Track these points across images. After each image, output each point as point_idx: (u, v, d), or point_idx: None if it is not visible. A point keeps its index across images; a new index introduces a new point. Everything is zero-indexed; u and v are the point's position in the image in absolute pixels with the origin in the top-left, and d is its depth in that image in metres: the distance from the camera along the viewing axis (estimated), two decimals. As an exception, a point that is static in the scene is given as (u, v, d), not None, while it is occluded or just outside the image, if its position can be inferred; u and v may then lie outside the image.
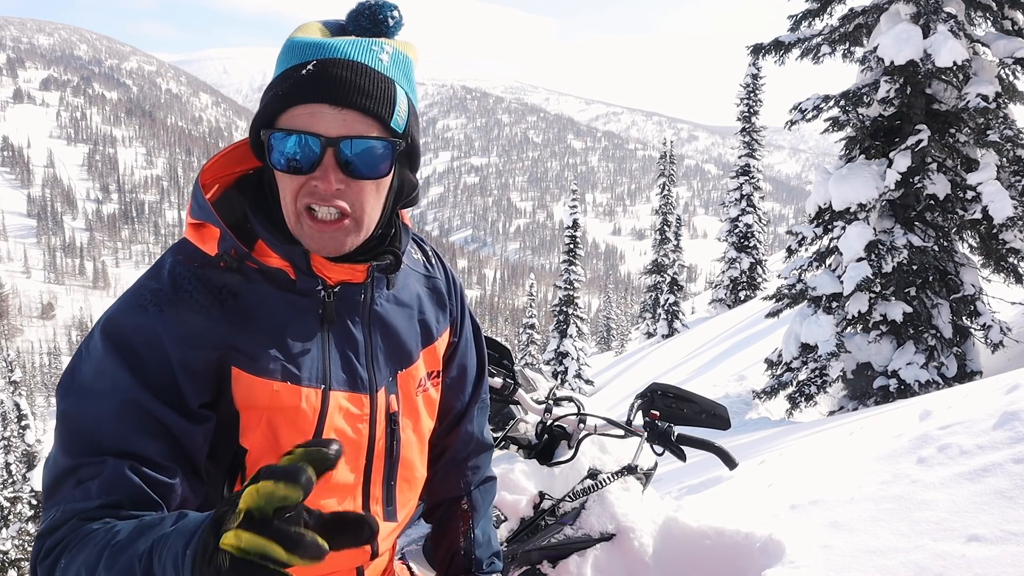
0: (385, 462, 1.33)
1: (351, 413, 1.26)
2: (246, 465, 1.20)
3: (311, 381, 1.21)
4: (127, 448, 1.07)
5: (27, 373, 68.32)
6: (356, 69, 1.13)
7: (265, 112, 1.16)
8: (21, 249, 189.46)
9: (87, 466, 1.06)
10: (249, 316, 1.18)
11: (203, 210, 1.20)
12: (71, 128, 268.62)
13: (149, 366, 1.11)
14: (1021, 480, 2.74)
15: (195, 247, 1.20)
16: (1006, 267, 9.73)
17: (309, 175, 1.14)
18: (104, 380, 1.10)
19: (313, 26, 1.20)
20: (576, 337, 24.45)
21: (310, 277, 1.22)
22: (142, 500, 1.05)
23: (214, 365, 1.15)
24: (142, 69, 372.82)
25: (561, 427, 2.31)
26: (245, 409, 1.18)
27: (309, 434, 1.21)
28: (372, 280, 1.28)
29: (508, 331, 79.98)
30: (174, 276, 1.17)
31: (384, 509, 1.34)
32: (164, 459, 1.09)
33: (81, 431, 1.08)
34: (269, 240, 1.20)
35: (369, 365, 1.29)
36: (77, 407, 1.10)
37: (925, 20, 9.19)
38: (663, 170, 33.52)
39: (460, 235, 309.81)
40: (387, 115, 1.15)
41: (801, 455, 5.19)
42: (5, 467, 23.77)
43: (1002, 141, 8.97)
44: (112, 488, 1.04)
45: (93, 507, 1.03)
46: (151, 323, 1.12)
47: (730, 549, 2.59)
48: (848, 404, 10.35)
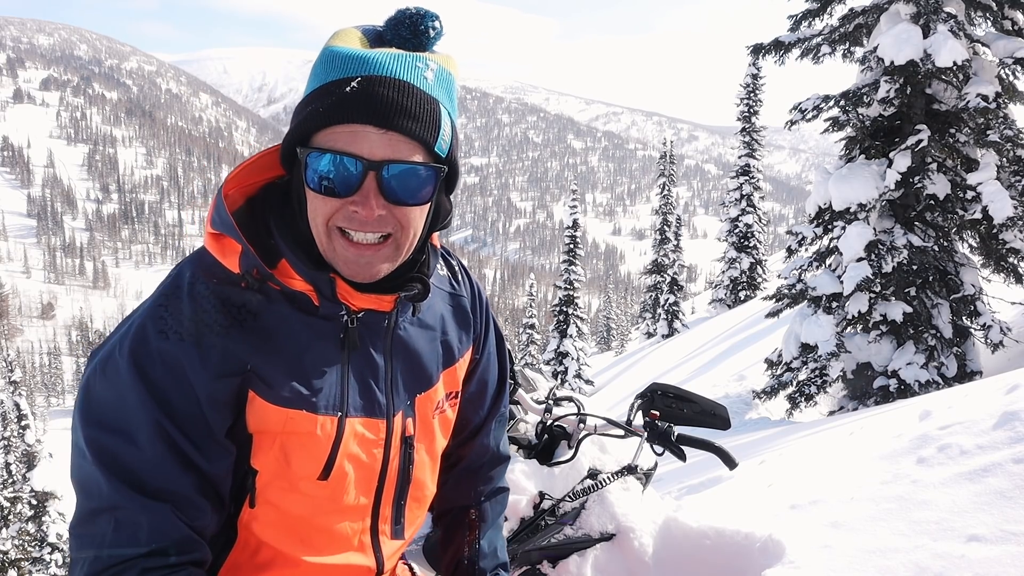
0: (397, 483, 1.30)
1: (366, 439, 1.23)
2: (256, 487, 1.18)
3: (328, 409, 1.17)
4: (167, 487, 1.07)
5: (27, 373, 68.32)
6: (403, 89, 1.07)
7: (303, 127, 1.10)
8: (21, 249, 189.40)
9: (128, 508, 1.05)
10: (268, 337, 1.14)
11: (224, 224, 1.14)
12: (71, 128, 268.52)
13: (174, 399, 1.08)
14: (1021, 480, 2.74)
15: (215, 260, 1.15)
16: (1006, 267, 9.72)
17: (346, 199, 1.08)
18: (133, 412, 1.07)
19: (352, 34, 1.13)
20: (576, 337, 24.44)
21: (334, 304, 1.17)
22: (187, 544, 1.07)
23: (235, 390, 1.13)
24: (142, 69, 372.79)
25: (561, 427, 2.31)
26: (258, 433, 1.16)
27: (322, 460, 1.18)
28: (397, 308, 1.22)
29: (508, 331, 79.98)
30: (193, 295, 1.12)
31: (392, 528, 1.32)
32: (199, 495, 1.10)
33: (119, 467, 1.06)
34: (294, 262, 1.14)
35: (388, 391, 1.25)
36: (110, 441, 1.07)
37: (925, 20, 9.19)
38: (663, 170, 33.52)
39: (460, 235, 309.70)
40: (432, 139, 1.10)
41: (801, 455, 5.19)
42: (5, 467, 23.76)
43: (1002, 141, 8.96)
44: (160, 535, 1.05)
45: (142, 554, 1.04)
46: (173, 354, 1.09)
47: (730, 549, 2.59)
48: (848, 404, 10.34)
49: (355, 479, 1.23)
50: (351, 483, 1.23)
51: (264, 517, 1.20)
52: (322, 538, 1.23)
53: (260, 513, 1.19)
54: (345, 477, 1.21)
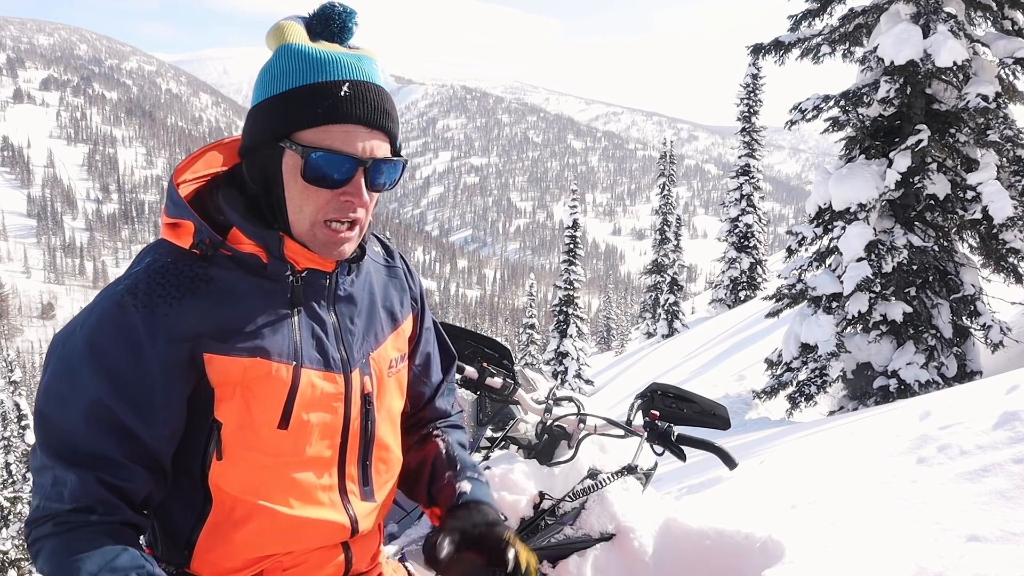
0: (360, 441, 1.38)
1: (325, 392, 1.32)
2: (221, 439, 1.25)
3: (281, 357, 1.26)
4: (96, 451, 1.17)
5: (27, 373, 68.29)
6: (380, 93, 1.26)
7: (290, 123, 1.23)
8: (21, 249, 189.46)
9: (60, 468, 1.17)
10: (221, 299, 1.24)
11: (178, 207, 1.26)
12: (71, 128, 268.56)
13: (123, 369, 1.18)
14: (1021, 480, 2.74)
15: (170, 244, 1.26)
16: (1006, 267, 9.72)
17: (338, 190, 1.24)
18: (77, 384, 1.18)
19: (297, 29, 1.27)
20: (576, 337, 24.45)
21: (281, 262, 1.28)
22: (110, 505, 1.18)
23: (188, 355, 1.22)
24: (142, 69, 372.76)
25: (561, 427, 2.31)
26: (219, 385, 1.24)
27: (279, 407, 1.26)
28: (337, 268, 1.35)
29: (508, 331, 79.95)
30: (149, 271, 1.23)
31: (361, 488, 1.39)
32: (130, 461, 1.19)
33: (55, 434, 1.18)
34: (243, 226, 1.26)
35: (340, 346, 1.35)
36: (51, 409, 1.19)
37: (925, 20, 9.19)
38: (663, 170, 33.52)
39: (460, 235, 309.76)
40: (398, 133, 1.30)
41: (801, 455, 5.19)
42: (5, 467, 23.78)
43: (1002, 141, 8.96)
44: (81, 496, 1.16)
45: (66, 511, 1.16)
46: (128, 323, 1.19)
47: (730, 549, 2.58)
48: (848, 404, 10.34)
49: (317, 432, 1.31)
50: (314, 436, 1.31)
51: (233, 471, 1.26)
52: (290, 490, 1.30)
53: (229, 466, 1.26)
54: (305, 427, 1.29)
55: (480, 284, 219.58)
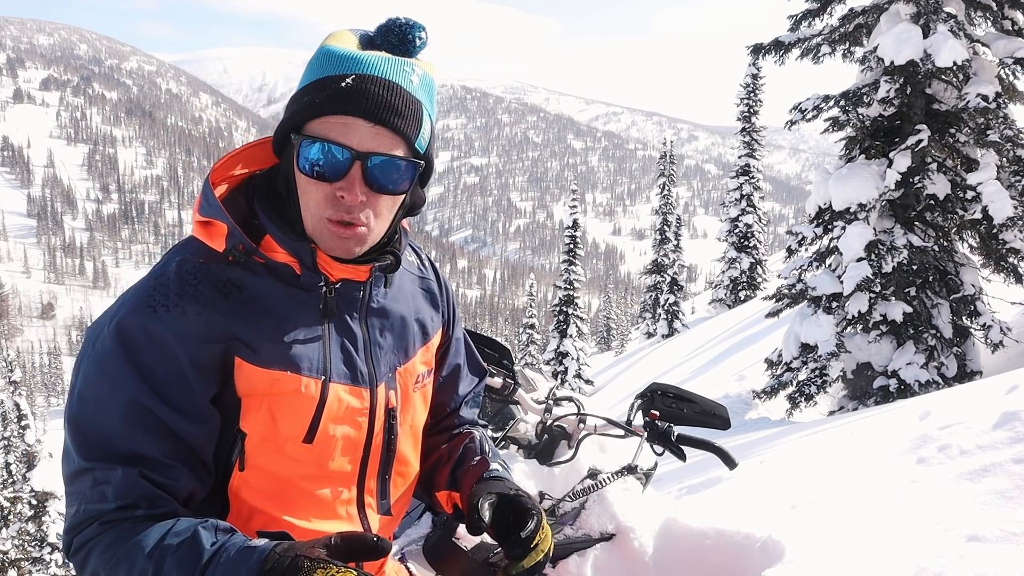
0: (382, 456, 1.37)
1: (351, 406, 1.30)
2: (244, 450, 1.23)
3: (311, 372, 1.25)
4: (136, 451, 1.15)
5: (27, 373, 68.32)
6: (391, 88, 1.19)
7: (298, 115, 1.21)
8: (21, 249, 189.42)
9: (100, 469, 1.14)
10: (253, 307, 1.23)
11: (212, 207, 1.24)
12: (71, 128, 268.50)
13: (156, 368, 1.16)
14: (1021, 480, 2.74)
15: (202, 244, 1.24)
16: (1006, 267, 9.72)
17: (334, 184, 1.19)
18: (111, 383, 1.16)
19: (346, 36, 1.25)
20: (576, 337, 24.44)
21: (314, 273, 1.26)
22: (155, 500, 1.15)
23: (220, 357, 1.20)
24: (142, 69, 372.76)
25: (561, 427, 2.31)
26: (246, 396, 1.22)
27: (307, 422, 1.25)
28: (372, 279, 1.33)
29: (508, 331, 79.95)
30: (180, 272, 1.21)
31: (379, 502, 1.39)
32: (171, 459, 1.16)
33: (93, 436, 1.16)
34: (277, 235, 1.25)
35: (368, 360, 1.33)
36: (87, 412, 1.17)
37: (925, 20, 9.19)
38: (663, 170, 33.50)
39: (460, 235, 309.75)
40: (413, 136, 1.22)
41: (801, 455, 5.19)
42: (5, 467, 23.76)
43: (1002, 141, 8.96)
44: (126, 493, 1.14)
45: (111, 509, 1.14)
46: (158, 323, 1.17)
47: (730, 549, 2.58)
48: (848, 404, 10.34)
49: (341, 446, 1.30)
50: (337, 450, 1.30)
51: (254, 481, 1.25)
52: (310, 504, 1.29)
53: (250, 477, 1.25)
54: (330, 442, 1.28)
55: (480, 284, 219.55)
